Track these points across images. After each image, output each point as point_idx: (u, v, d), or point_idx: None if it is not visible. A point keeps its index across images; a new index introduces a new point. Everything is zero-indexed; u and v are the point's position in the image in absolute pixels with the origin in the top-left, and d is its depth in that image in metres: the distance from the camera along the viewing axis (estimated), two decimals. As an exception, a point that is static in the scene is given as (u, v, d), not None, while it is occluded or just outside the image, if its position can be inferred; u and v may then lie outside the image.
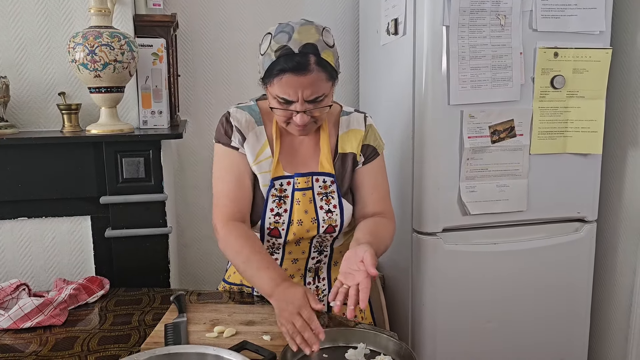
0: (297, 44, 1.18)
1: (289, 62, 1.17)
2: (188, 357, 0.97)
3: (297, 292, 1.14)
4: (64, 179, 1.62)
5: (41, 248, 1.69)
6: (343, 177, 1.38)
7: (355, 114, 1.43)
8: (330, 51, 1.22)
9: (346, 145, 1.38)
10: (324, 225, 1.35)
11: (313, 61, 1.19)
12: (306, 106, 1.22)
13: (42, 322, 1.30)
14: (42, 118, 1.74)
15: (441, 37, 1.68)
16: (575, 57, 1.76)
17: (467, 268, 1.82)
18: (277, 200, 1.34)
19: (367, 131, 1.40)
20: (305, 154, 1.38)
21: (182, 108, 2.17)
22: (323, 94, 1.23)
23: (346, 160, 1.38)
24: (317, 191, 1.35)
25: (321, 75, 1.20)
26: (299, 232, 1.35)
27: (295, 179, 1.34)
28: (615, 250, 2.01)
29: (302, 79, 1.18)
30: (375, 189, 1.41)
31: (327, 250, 1.42)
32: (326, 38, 1.22)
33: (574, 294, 1.94)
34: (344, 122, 1.40)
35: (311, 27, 1.22)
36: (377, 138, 1.43)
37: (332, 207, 1.35)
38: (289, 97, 1.21)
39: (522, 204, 1.82)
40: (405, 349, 1.08)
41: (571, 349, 1.98)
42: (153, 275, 1.69)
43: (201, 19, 2.19)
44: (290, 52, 1.18)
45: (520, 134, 1.78)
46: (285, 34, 1.19)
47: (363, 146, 1.39)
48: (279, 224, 1.35)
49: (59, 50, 1.71)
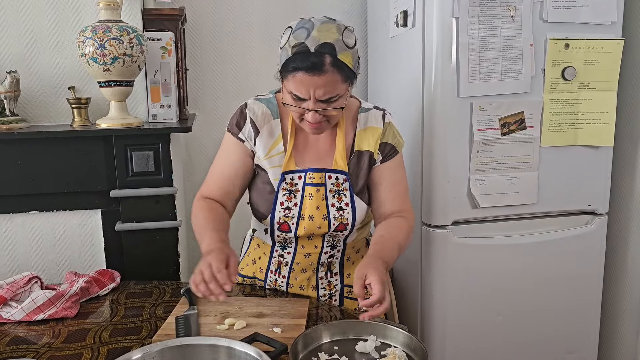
0: (315, 43, 1.16)
1: (304, 61, 1.16)
2: (200, 349, 0.97)
3: (221, 252, 1.15)
4: (74, 172, 1.63)
5: (52, 241, 1.70)
6: (358, 175, 1.36)
7: (374, 110, 1.40)
8: (349, 52, 1.19)
9: (363, 143, 1.36)
10: (334, 223, 1.34)
11: (329, 62, 1.16)
12: (319, 105, 1.21)
13: (55, 314, 1.31)
14: (52, 112, 1.75)
15: (451, 28, 1.66)
16: (586, 48, 1.74)
17: (477, 261, 1.81)
18: (287, 194, 1.34)
19: (385, 129, 1.37)
20: (321, 150, 1.37)
21: (190, 102, 2.17)
22: (337, 94, 1.21)
23: (362, 159, 1.36)
24: (329, 188, 1.34)
25: (336, 76, 1.18)
26: (310, 228, 1.34)
27: (309, 174, 1.33)
28: (627, 243, 2.00)
29: (315, 78, 1.16)
30: (394, 187, 1.38)
31: (340, 246, 1.41)
32: (346, 38, 1.20)
33: (585, 287, 1.93)
34: (362, 119, 1.38)
35: (332, 25, 1.19)
36: (397, 136, 1.40)
37: (343, 205, 1.34)
38: (301, 95, 1.20)
39: (532, 197, 1.81)
40: (416, 341, 1.08)
41: (582, 342, 1.97)
42: (163, 268, 1.69)
43: (209, 13, 2.19)
44: (307, 50, 1.16)
45: (531, 126, 1.76)
46: (305, 30, 1.18)
47: (381, 144, 1.37)
48: (289, 218, 1.34)
49: (68, 45, 1.71)
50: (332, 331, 1.14)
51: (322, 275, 1.44)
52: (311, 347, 1.10)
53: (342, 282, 1.45)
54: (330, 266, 1.44)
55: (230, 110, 2.32)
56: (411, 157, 1.87)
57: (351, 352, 1.09)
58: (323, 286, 1.44)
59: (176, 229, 1.70)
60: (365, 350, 1.09)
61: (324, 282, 1.44)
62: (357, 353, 1.09)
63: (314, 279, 1.43)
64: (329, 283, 1.45)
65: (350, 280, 1.44)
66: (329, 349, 1.10)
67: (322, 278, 1.44)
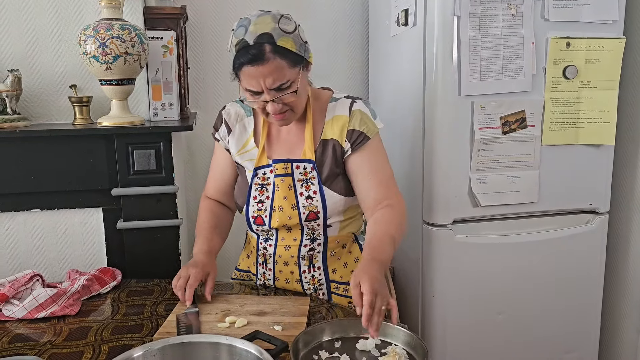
0: (252, 36, 1.21)
1: (245, 55, 1.21)
2: (201, 347, 0.97)
3: (203, 270, 1.35)
4: (75, 171, 1.63)
5: (54, 240, 1.70)
6: (323, 163, 1.37)
7: (344, 99, 1.40)
8: (288, 37, 1.23)
9: (328, 131, 1.38)
10: (304, 212, 1.36)
11: (269, 50, 1.21)
12: (273, 94, 1.25)
13: (56, 312, 1.32)
14: (54, 111, 1.75)
15: (452, 27, 1.66)
16: (587, 47, 1.74)
17: (478, 260, 1.81)
18: (260, 188, 1.40)
19: (352, 116, 1.36)
20: (292, 142, 1.40)
21: (192, 100, 2.17)
22: (288, 80, 1.24)
23: (327, 147, 1.37)
24: (297, 178, 1.37)
25: (280, 62, 1.22)
26: (282, 219, 1.37)
27: (273, 165, 1.38)
28: (627, 242, 2.00)
29: (260, 68, 1.21)
30: (373, 175, 1.36)
31: (320, 239, 1.41)
32: (283, 25, 1.23)
33: (585, 286, 1.93)
34: (330, 108, 1.39)
35: (267, 17, 1.24)
36: (365, 122, 1.36)
37: (312, 193, 1.36)
38: (254, 88, 1.25)
39: (533, 196, 1.81)
40: (416, 339, 1.08)
41: (582, 342, 1.97)
42: (164, 266, 1.69)
43: (211, 11, 2.19)
44: (246, 44, 1.21)
45: (532, 124, 1.76)
46: (243, 27, 1.23)
47: (348, 132, 1.35)
48: (262, 211, 1.39)
49: (70, 43, 1.72)
50: (333, 329, 1.15)
51: (304, 269, 1.44)
52: (312, 345, 1.10)
53: (327, 277, 1.44)
54: (313, 260, 1.44)
55: (231, 109, 2.31)
56: (412, 156, 1.87)
57: (352, 350, 1.09)
58: (307, 280, 1.44)
59: (177, 227, 1.71)
60: (366, 349, 1.10)
61: (307, 276, 1.44)
62: (358, 351, 1.09)
63: (297, 272, 1.44)
64: (312, 277, 1.44)
65: (336, 276, 1.45)
66: (329, 347, 1.11)
67: (305, 272, 1.44)
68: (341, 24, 2.34)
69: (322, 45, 2.32)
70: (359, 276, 1.12)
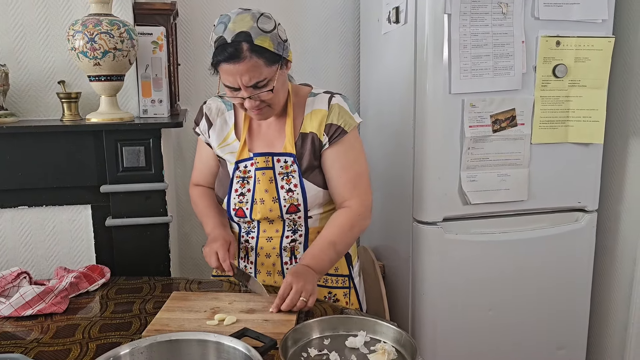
0: (231, 34, 1.23)
1: (223, 53, 1.23)
2: (189, 344, 0.97)
3: (225, 241, 1.38)
4: (64, 167, 1.62)
5: (42, 237, 1.69)
6: (302, 156, 1.39)
7: (322, 94, 1.42)
8: (266, 36, 1.24)
9: (307, 125, 1.40)
10: (285, 204, 1.38)
11: (246, 48, 1.22)
12: (250, 91, 1.27)
13: (44, 309, 1.31)
14: (42, 107, 1.74)
15: (442, 25, 1.67)
16: (577, 46, 1.75)
17: (468, 257, 1.82)
18: (241, 181, 1.42)
19: (330, 110, 1.38)
20: (272, 136, 1.42)
21: (182, 97, 2.16)
22: (265, 78, 1.26)
23: (306, 140, 1.39)
24: (278, 171, 1.39)
25: (257, 61, 1.24)
26: (263, 212, 1.39)
27: (254, 158, 1.40)
28: (616, 239, 2.01)
29: (237, 66, 1.23)
30: (344, 171, 1.39)
31: (302, 230, 1.43)
32: (262, 24, 1.25)
33: (574, 283, 1.95)
34: (309, 103, 1.42)
35: (246, 15, 1.25)
36: (343, 116, 1.38)
37: (292, 186, 1.38)
38: (231, 84, 1.27)
39: (523, 194, 1.82)
40: (405, 336, 1.09)
41: (571, 338, 1.98)
42: (153, 263, 1.69)
43: (201, 7, 2.17)
44: (224, 42, 1.23)
45: (522, 123, 1.77)
46: (223, 24, 1.25)
47: (326, 126, 1.38)
48: (243, 204, 1.41)
49: (58, 38, 1.70)
50: (322, 327, 1.15)
51: (286, 261, 1.45)
52: (301, 342, 1.10)
53: None
54: (294, 251, 1.45)
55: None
56: (402, 154, 1.88)
57: (341, 348, 1.09)
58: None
59: (167, 225, 1.70)
60: (355, 346, 1.10)
61: (289, 267, 1.45)
62: (347, 349, 1.10)
63: (278, 264, 1.46)
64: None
65: None
66: (318, 344, 1.11)
67: (287, 263, 1.45)
68: (333, 21, 2.33)
69: (314, 42, 2.31)
70: (292, 280, 1.25)
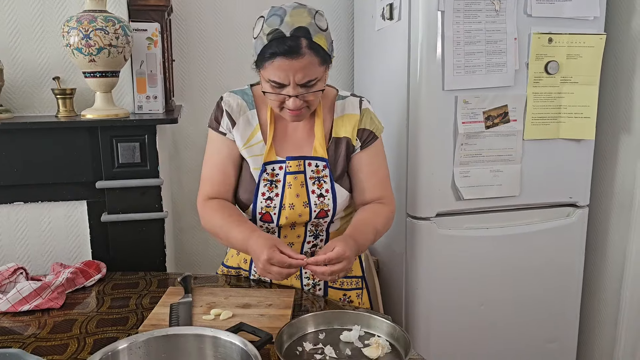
0: (289, 27, 1.18)
1: (280, 46, 1.17)
2: (186, 339, 0.98)
3: (263, 246, 1.18)
4: (59, 163, 1.62)
5: (37, 233, 1.69)
6: (336, 161, 1.38)
7: (351, 98, 1.42)
8: (322, 35, 1.22)
9: (340, 129, 1.38)
10: (315, 209, 1.35)
11: (305, 45, 1.18)
12: (298, 90, 1.23)
13: (40, 305, 1.32)
14: (37, 103, 1.74)
15: (436, 22, 1.68)
16: (569, 43, 1.77)
17: (461, 252, 1.84)
18: (269, 185, 1.36)
19: (362, 115, 1.39)
20: (300, 139, 1.39)
21: (177, 93, 2.16)
22: (315, 77, 1.23)
23: (340, 145, 1.38)
24: (309, 175, 1.36)
25: (313, 59, 1.20)
26: (291, 217, 1.35)
27: (287, 162, 1.35)
28: (606, 234, 2.04)
29: (294, 62, 1.18)
30: (374, 174, 1.40)
31: (323, 235, 1.43)
32: (319, 21, 1.22)
33: (566, 278, 1.97)
34: (339, 106, 1.40)
35: (304, 10, 1.21)
36: (374, 121, 1.41)
37: (324, 191, 1.36)
38: (281, 81, 1.21)
39: (515, 189, 1.84)
40: (399, 330, 1.10)
41: (562, 332, 2.01)
42: (149, 259, 1.70)
43: (196, 3, 2.17)
44: (282, 35, 1.18)
45: (514, 119, 1.79)
46: (278, 17, 1.19)
47: (359, 130, 1.38)
48: (270, 209, 1.36)
49: (53, 35, 1.70)
50: (317, 321, 1.16)
51: None
52: (296, 336, 1.12)
53: None
54: (314, 255, 1.44)
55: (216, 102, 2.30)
56: (396, 150, 1.89)
57: (336, 342, 1.11)
58: (307, 275, 1.45)
59: (162, 220, 1.70)
60: (349, 340, 1.11)
61: (307, 272, 1.45)
62: (342, 342, 1.11)
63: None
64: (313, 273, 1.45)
65: None
66: (313, 338, 1.12)
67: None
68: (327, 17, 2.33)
69: (308, 38, 2.32)
70: (336, 242, 1.20)
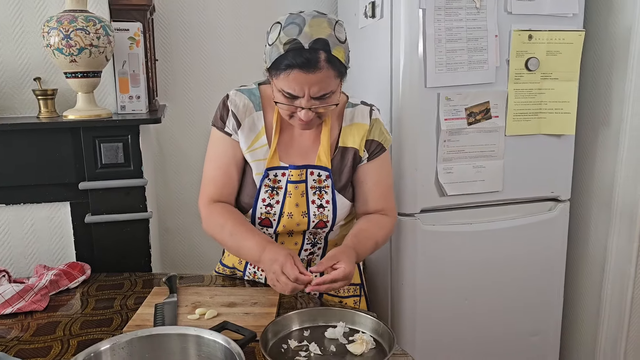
0: (308, 39, 1.13)
1: (298, 58, 1.13)
2: (169, 338, 0.98)
3: (279, 253, 1.18)
4: (41, 165, 1.61)
5: (20, 235, 1.67)
6: (341, 171, 1.35)
7: (361, 106, 1.37)
8: (341, 47, 1.18)
9: (348, 139, 1.34)
10: (314, 220, 1.33)
11: (323, 58, 1.14)
12: (312, 103, 1.19)
13: (23, 308, 1.31)
14: (18, 104, 1.72)
15: (418, 20, 1.69)
16: (549, 40, 1.79)
17: (445, 248, 1.86)
18: (270, 191, 1.32)
19: (372, 125, 1.35)
20: (305, 145, 1.35)
21: (160, 93, 2.15)
22: (331, 90, 1.19)
23: (346, 155, 1.35)
24: (310, 185, 1.32)
25: (330, 72, 1.16)
26: (289, 225, 1.33)
27: (289, 171, 1.31)
28: (588, 228, 2.07)
29: (310, 76, 1.14)
30: (378, 186, 1.38)
31: (321, 243, 1.41)
32: (338, 33, 1.18)
33: (549, 271, 2.00)
34: (348, 114, 1.36)
35: (323, 20, 1.17)
36: (384, 132, 1.37)
37: (324, 202, 1.33)
38: (295, 93, 1.17)
39: (498, 185, 1.86)
40: (383, 326, 1.11)
41: (545, 325, 2.04)
42: (134, 260, 1.69)
43: (178, 2, 2.16)
44: (300, 46, 1.13)
45: (496, 115, 1.81)
46: (296, 26, 1.14)
47: (367, 141, 1.35)
48: (270, 215, 1.33)
49: (33, 34, 1.68)
50: (302, 318, 1.17)
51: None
52: (281, 334, 1.13)
53: None
54: (311, 263, 1.44)
55: (200, 101, 2.30)
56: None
57: (320, 339, 1.12)
58: None
59: (147, 221, 1.70)
60: (334, 337, 1.12)
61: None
62: (326, 339, 1.12)
63: None
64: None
65: None
66: (298, 336, 1.13)
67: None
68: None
69: (292, 36, 2.31)
70: (340, 256, 1.18)
